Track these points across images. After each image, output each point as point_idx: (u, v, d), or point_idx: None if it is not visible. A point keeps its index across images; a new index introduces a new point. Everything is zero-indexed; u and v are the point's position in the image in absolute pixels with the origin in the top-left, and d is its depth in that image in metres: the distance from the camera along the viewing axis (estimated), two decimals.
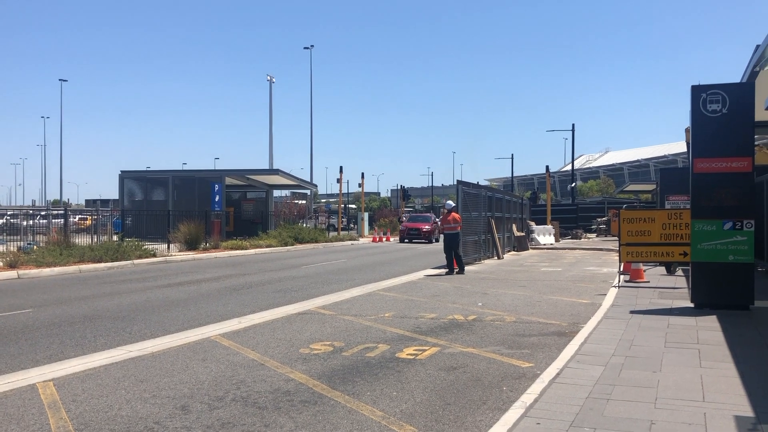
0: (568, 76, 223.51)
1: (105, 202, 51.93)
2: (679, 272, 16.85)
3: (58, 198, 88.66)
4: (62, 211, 24.68)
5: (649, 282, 14.73)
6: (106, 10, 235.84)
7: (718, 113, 10.26)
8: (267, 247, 28.62)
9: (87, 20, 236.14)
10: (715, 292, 10.44)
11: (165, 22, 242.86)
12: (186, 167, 71.89)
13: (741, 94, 10.36)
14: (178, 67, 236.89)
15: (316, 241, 33.21)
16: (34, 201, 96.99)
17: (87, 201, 69.21)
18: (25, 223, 24.56)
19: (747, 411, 5.21)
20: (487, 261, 22.76)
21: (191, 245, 25.25)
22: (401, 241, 38.34)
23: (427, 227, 38.61)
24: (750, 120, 10.31)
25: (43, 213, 27.56)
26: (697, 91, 10.39)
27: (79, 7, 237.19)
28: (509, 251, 27.47)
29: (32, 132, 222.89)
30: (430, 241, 37.41)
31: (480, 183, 38.01)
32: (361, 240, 40.00)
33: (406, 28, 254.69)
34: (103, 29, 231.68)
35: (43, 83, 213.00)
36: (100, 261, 19.36)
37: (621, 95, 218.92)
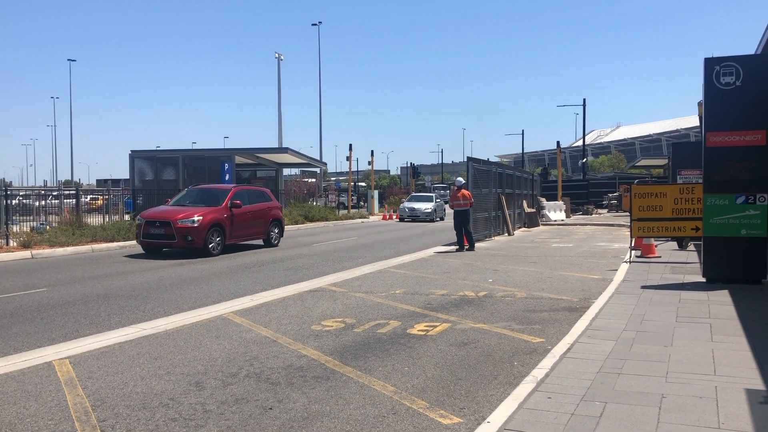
0: (579, 51, 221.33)
1: (116, 182, 52.10)
2: (691, 247, 16.77)
3: (70, 178, 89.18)
4: (74, 191, 24.82)
5: (660, 257, 14.68)
6: None
7: (731, 86, 10.13)
8: None
9: (95, 0, 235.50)
10: (727, 266, 10.40)
11: (173, 1, 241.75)
12: (196, 146, 72.13)
13: (755, 66, 10.21)
14: (187, 46, 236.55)
15: (327, 219, 33.25)
16: (45, 181, 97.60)
17: (98, 181, 69.51)
18: (37, 203, 24.74)
19: (758, 384, 5.22)
20: (497, 237, 22.74)
21: None
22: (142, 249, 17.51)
23: (196, 219, 16.50)
24: (764, 92, 10.15)
25: (54, 193, 27.69)
26: (711, 63, 10.24)
27: None
28: (520, 228, 27.41)
29: (43, 112, 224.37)
30: (204, 252, 16.55)
31: (491, 159, 37.06)
32: (372, 218, 40.01)
33: (414, 4, 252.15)
34: (112, 9, 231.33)
35: (52, 64, 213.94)
36: (112, 240, 19.49)
37: (633, 69, 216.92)
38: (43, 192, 28.45)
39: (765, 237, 10.25)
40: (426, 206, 36.03)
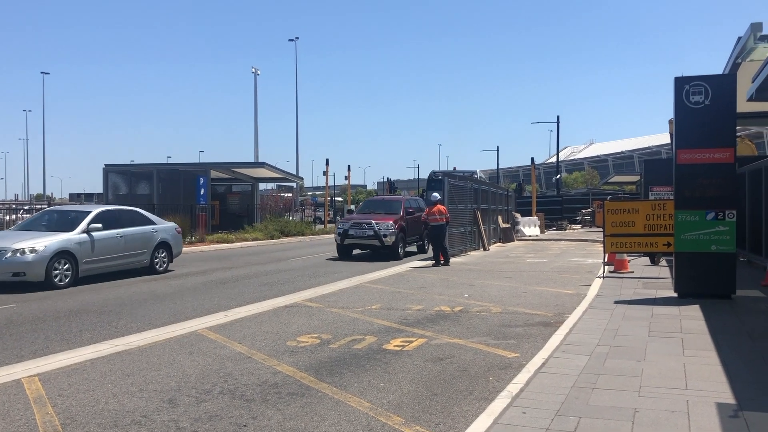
0: (553, 69, 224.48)
1: (89, 196, 51.49)
2: (663, 262, 17.00)
3: (42, 192, 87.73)
4: (46, 206, 24.45)
5: (633, 272, 14.86)
6: (88, 2, 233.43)
7: (701, 104, 10.35)
8: (253, 240, 28.52)
9: (69, 12, 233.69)
10: (698, 281, 10.56)
11: (148, 14, 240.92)
12: (171, 161, 71.42)
13: (723, 85, 10.45)
14: (162, 60, 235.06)
15: (303, 234, 33.13)
16: (17, 195, 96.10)
17: (71, 195, 68.47)
18: (8, 217, 24.33)
19: (729, 398, 5.30)
20: (473, 252, 22.84)
21: None
22: None
23: None
24: (732, 111, 10.40)
25: (26, 207, 27.30)
26: (681, 82, 10.47)
27: None
28: (495, 243, 27.57)
29: (14, 125, 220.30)
30: None
31: (474, 173, 36.78)
32: None
33: (391, 20, 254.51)
34: (86, 21, 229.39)
35: (24, 76, 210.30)
36: None
37: (605, 87, 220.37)
38: (14, 206, 27.99)
39: (734, 252, 10.45)
40: (24, 245, 12.68)
